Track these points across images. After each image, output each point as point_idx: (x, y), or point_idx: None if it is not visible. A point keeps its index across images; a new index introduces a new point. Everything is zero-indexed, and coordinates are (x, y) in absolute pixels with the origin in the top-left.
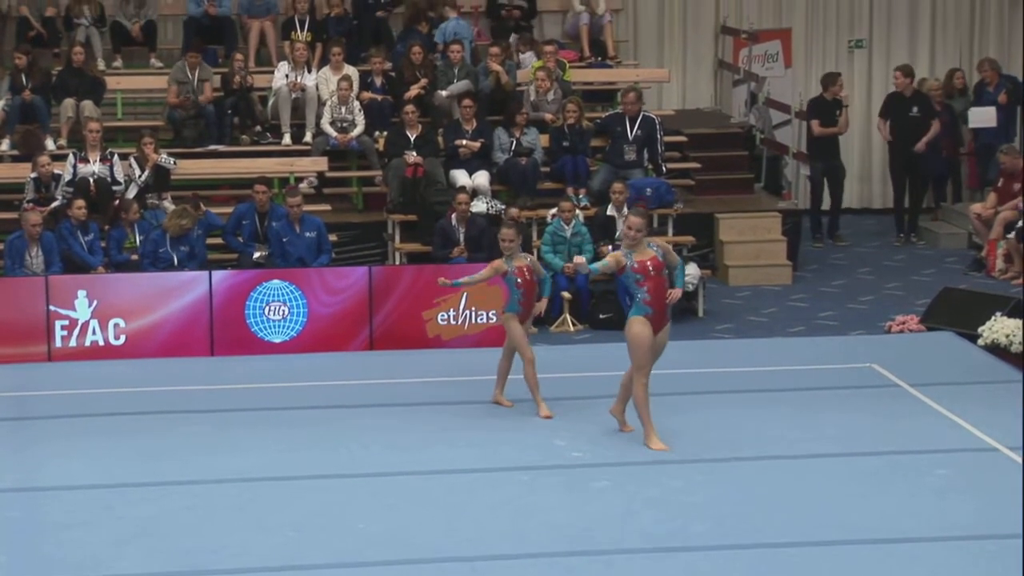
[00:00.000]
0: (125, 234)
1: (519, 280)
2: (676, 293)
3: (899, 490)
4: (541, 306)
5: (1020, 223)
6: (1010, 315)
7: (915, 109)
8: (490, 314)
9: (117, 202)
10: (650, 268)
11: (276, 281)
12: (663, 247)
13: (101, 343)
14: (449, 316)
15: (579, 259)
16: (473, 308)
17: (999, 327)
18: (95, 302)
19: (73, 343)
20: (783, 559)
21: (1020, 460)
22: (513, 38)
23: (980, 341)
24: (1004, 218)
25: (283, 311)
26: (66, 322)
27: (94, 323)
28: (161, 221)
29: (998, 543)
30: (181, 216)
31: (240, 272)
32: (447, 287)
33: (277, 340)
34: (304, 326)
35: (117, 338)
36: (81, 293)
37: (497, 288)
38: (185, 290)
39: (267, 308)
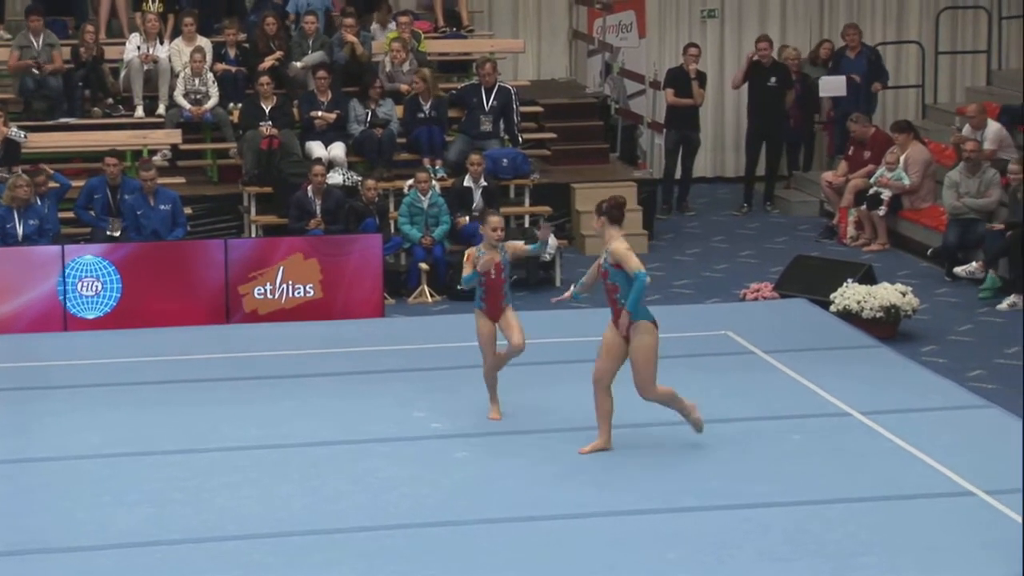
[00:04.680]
0: None
1: (482, 278)
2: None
3: (755, 456)
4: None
5: (870, 191)
6: (861, 281)
7: (773, 79)
8: (307, 287)
9: None
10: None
11: (88, 256)
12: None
13: None
14: (266, 290)
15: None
16: (290, 282)
17: (850, 293)
18: None
19: None
20: (642, 525)
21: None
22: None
23: (832, 307)
24: (854, 186)
25: (96, 287)
26: None
27: None
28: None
29: (850, 506)
30: (14, 186)
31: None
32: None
33: (90, 316)
34: (117, 302)
35: None
36: None
37: (314, 262)
38: (30, 267)
39: (80, 284)
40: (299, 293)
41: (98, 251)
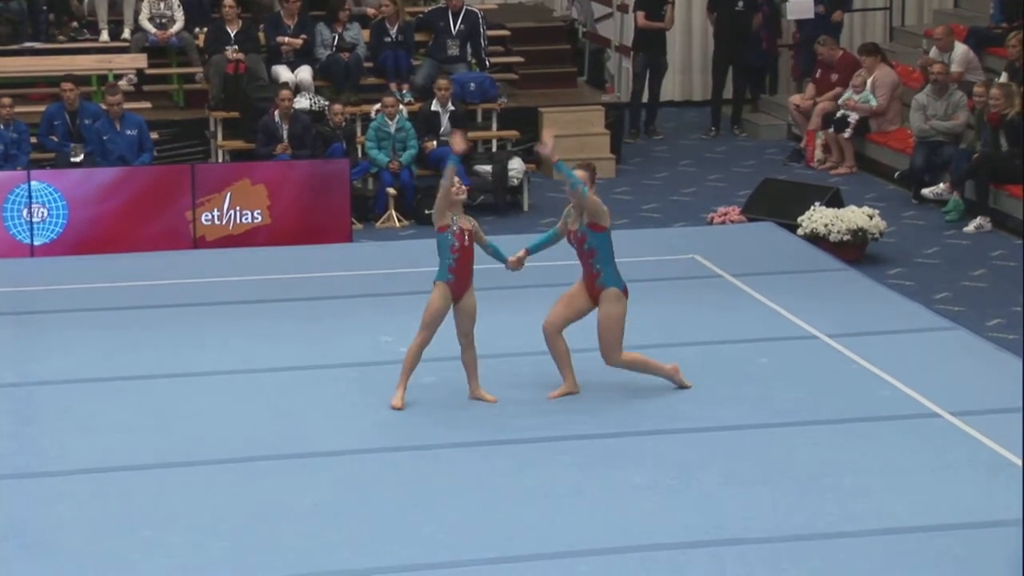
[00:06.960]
0: None
1: (456, 243)
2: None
3: (721, 379)
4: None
5: (838, 114)
6: (828, 205)
7: (740, 3)
8: (255, 213)
9: None
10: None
11: (36, 182)
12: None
13: None
14: (213, 216)
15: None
16: (237, 208)
17: (817, 217)
18: None
19: None
20: (608, 449)
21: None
22: None
23: (799, 231)
24: (822, 109)
25: (42, 213)
26: None
27: None
28: None
29: (816, 428)
30: None
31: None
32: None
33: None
34: (64, 228)
35: None
36: None
37: (261, 188)
38: None
39: (25, 210)
40: (246, 219)
41: (56, 177)
